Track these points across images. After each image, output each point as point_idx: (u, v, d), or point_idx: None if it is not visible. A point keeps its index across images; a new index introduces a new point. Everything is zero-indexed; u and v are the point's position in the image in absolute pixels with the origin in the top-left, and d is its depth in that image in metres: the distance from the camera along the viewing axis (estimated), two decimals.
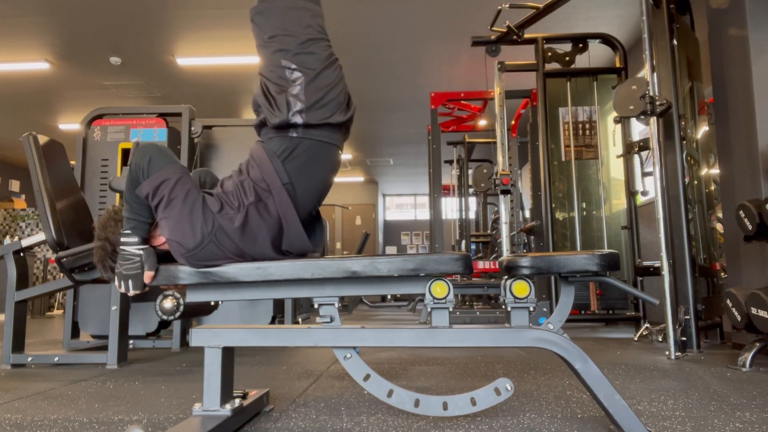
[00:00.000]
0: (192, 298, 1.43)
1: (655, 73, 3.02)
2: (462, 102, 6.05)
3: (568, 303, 1.36)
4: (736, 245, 3.04)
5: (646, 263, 3.80)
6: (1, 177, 10.43)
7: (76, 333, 3.29)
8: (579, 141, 4.25)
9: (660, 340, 3.41)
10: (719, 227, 3.63)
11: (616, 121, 3.95)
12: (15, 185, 10.69)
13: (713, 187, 3.64)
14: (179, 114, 3.45)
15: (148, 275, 1.36)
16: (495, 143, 4.34)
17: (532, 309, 1.33)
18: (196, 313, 1.66)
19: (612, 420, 1.27)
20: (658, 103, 2.87)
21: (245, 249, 1.36)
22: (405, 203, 14.88)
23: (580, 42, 4.24)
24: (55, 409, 1.69)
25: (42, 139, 2.55)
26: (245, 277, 1.36)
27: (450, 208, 9.86)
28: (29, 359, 2.61)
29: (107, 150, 3.40)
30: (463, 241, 7.29)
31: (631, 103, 2.91)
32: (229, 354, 1.44)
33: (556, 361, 2.55)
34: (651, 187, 3.38)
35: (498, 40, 4.12)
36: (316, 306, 1.39)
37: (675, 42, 3.19)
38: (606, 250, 1.69)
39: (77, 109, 7.60)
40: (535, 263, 1.32)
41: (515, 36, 4.05)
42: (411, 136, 9.03)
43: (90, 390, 2.01)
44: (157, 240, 1.42)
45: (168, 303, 1.46)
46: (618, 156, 4.12)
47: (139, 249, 1.36)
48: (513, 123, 6.53)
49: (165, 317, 1.46)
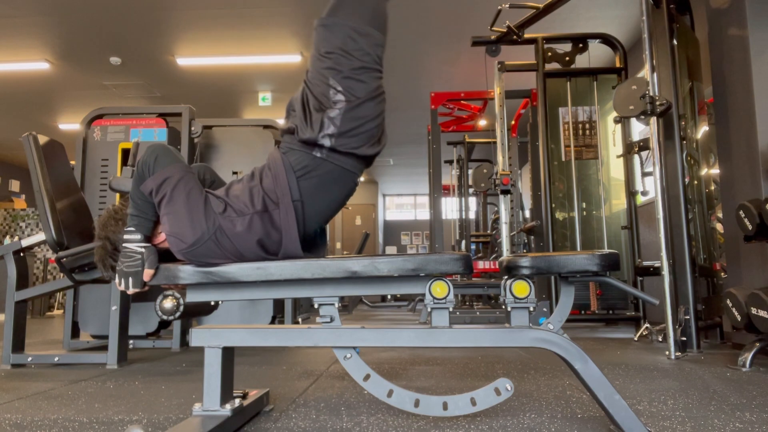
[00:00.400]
0: (192, 298, 1.43)
1: (655, 73, 3.02)
2: (462, 102, 6.05)
3: (568, 303, 1.36)
4: (736, 245, 3.04)
5: (646, 263, 3.80)
6: (1, 177, 10.43)
7: (76, 333, 3.29)
8: (579, 141, 4.25)
9: (660, 340, 3.41)
10: (719, 227, 3.63)
11: (616, 121, 3.95)
12: (15, 185, 10.69)
13: (713, 187, 3.64)
14: (179, 114, 3.45)
15: (147, 273, 1.36)
16: (495, 143, 4.34)
17: (532, 309, 1.33)
18: (196, 313, 1.66)
19: (612, 420, 1.27)
20: (658, 103, 2.87)
21: (244, 252, 1.37)
22: (405, 203, 14.88)
23: (580, 42, 4.24)
24: (55, 409, 1.69)
25: (42, 139, 2.56)
26: (245, 277, 1.36)
27: (450, 208, 9.86)
28: (29, 359, 2.61)
29: (107, 150, 3.40)
30: (463, 241, 7.29)
31: (631, 103, 2.91)
32: (229, 354, 1.44)
33: (556, 361, 2.55)
34: (651, 187, 3.38)
35: (498, 40, 4.11)
36: (316, 306, 1.39)
37: (675, 42, 3.19)
38: (606, 250, 1.69)
39: (77, 109, 7.60)
40: (535, 263, 1.32)
41: (515, 36, 4.05)
42: (411, 136, 9.03)
43: (90, 390, 2.01)
44: (159, 238, 1.43)
45: (168, 303, 1.46)
46: (618, 156, 4.12)
47: (141, 246, 1.37)
48: (513, 123, 6.54)
49: (165, 317, 1.46)
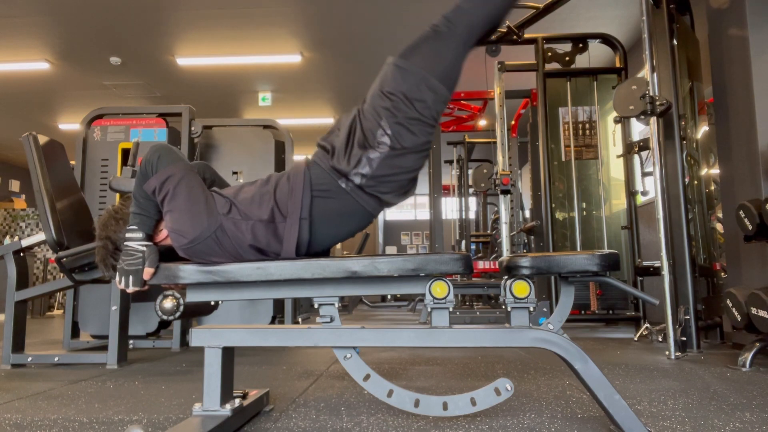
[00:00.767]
0: (192, 298, 1.43)
1: (655, 73, 3.02)
2: (462, 102, 6.05)
3: (568, 303, 1.36)
4: (736, 245, 3.04)
5: (646, 263, 3.80)
6: (1, 177, 10.43)
7: (76, 333, 3.29)
8: (579, 141, 4.25)
9: (660, 340, 3.41)
10: (719, 227, 3.63)
11: (616, 121, 3.95)
12: (15, 185, 10.69)
13: (713, 187, 3.64)
14: (179, 114, 3.45)
15: (147, 272, 1.37)
16: (495, 143, 4.34)
17: (532, 309, 1.33)
18: (196, 313, 1.66)
19: (612, 420, 1.27)
20: (658, 103, 2.87)
21: (243, 254, 1.37)
22: (405, 203, 14.87)
23: (580, 42, 4.24)
24: (55, 409, 1.69)
25: (42, 139, 2.56)
26: (245, 277, 1.35)
27: (450, 208, 9.86)
28: (29, 359, 2.61)
29: (107, 150, 3.40)
30: (463, 241, 7.29)
31: (631, 103, 2.91)
32: (229, 354, 1.44)
33: (556, 361, 2.55)
34: (651, 187, 3.38)
35: (498, 40, 4.11)
36: (316, 306, 1.39)
37: (675, 42, 3.19)
38: (606, 250, 1.69)
39: (77, 109, 7.60)
40: (535, 263, 1.32)
41: (515, 36, 4.05)
42: None
43: (90, 390, 2.01)
44: (160, 235, 1.44)
45: (168, 303, 1.46)
46: (618, 156, 4.12)
47: (143, 245, 1.37)
48: (513, 123, 6.54)
49: (165, 317, 1.46)
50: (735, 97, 3.06)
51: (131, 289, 1.37)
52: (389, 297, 8.68)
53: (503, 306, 1.36)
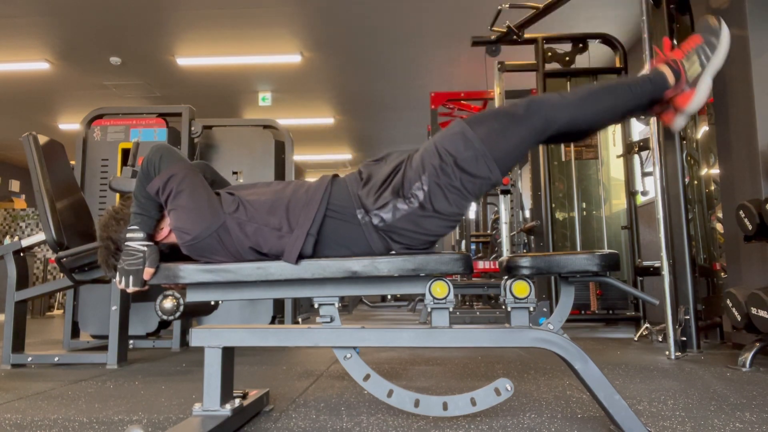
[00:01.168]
0: (192, 297, 1.43)
1: None
2: (462, 102, 6.05)
3: (568, 303, 1.36)
4: (736, 245, 3.04)
5: (646, 263, 3.80)
6: (1, 177, 10.43)
7: (76, 333, 3.29)
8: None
9: (660, 340, 3.41)
10: (719, 227, 3.63)
11: None
12: (15, 185, 10.69)
13: (713, 187, 3.64)
14: (179, 114, 3.45)
15: (148, 272, 1.37)
16: None
17: (532, 309, 1.33)
18: (196, 313, 1.66)
19: (612, 420, 1.27)
20: None
21: (243, 254, 1.37)
22: None
23: (580, 42, 4.24)
24: (55, 409, 1.69)
25: (42, 139, 2.56)
26: (245, 277, 1.36)
27: None
28: (29, 359, 2.61)
29: (107, 150, 3.40)
30: (463, 241, 7.29)
31: None
32: (229, 354, 1.44)
33: (556, 361, 2.55)
34: (651, 187, 3.38)
35: (498, 40, 4.11)
36: (316, 306, 1.39)
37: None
38: (606, 250, 1.69)
39: (77, 109, 7.60)
40: (535, 263, 1.32)
41: (515, 36, 4.05)
42: (411, 136, 9.02)
43: (90, 390, 2.01)
44: (162, 233, 1.44)
45: (168, 303, 1.46)
46: (618, 156, 4.12)
47: (144, 245, 1.37)
48: None
49: (165, 317, 1.46)
50: (735, 97, 3.06)
51: (131, 289, 1.37)
52: (389, 297, 8.68)
53: (503, 306, 1.36)
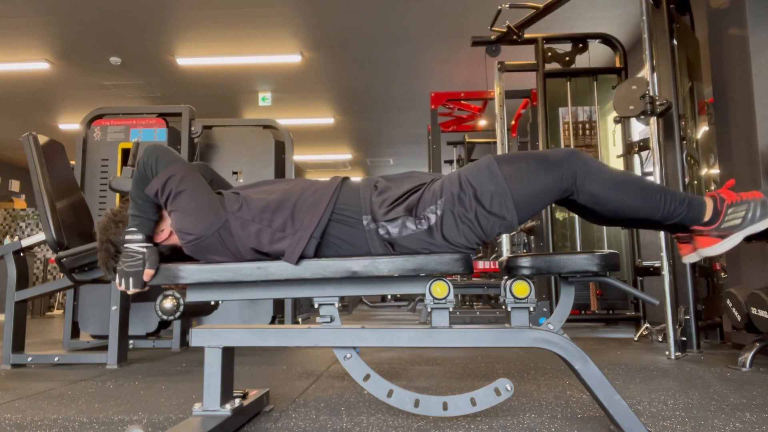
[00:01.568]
0: (192, 298, 1.43)
1: (655, 73, 3.02)
2: (462, 102, 6.05)
3: (568, 303, 1.36)
4: (736, 245, 3.04)
5: (646, 263, 3.80)
6: (1, 177, 10.43)
7: (76, 333, 3.29)
8: (579, 141, 4.25)
9: (660, 340, 3.41)
10: None
11: (616, 121, 3.95)
12: (15, 185, 10.69)
13: (713, 187, 3.64)
14: (179, 114, 3.45)
15: (148, 273, 1.37)
16: (495, 143, 4.34)
17: (532, 309, 1.33)
18: (196, 313, 1.66)
19: (612, 420, 1.27)
20: (658, 103, 2.87)
21: (244, 254, 1.37)
22: None
23: (580, 42, 4.23)
24: (55, 409, 1.69)
25: (42, 139, 2.56)
26: (245, 277, 1.36)
27: None
28: (29, 359, 2.61)
29: (107, 150, 3.40)
30: None
31: (631, 103, 2.91)
32: (229, 354, 1.44)
33: (556, 361, 2.55)
34: None
35: (498, 40, 4.11)
36: (316, 306, 1.39)
37: (675, 42, 3.19)
38: (606, 250, 1.69)
39: (77, 109, 7.60)
40: (535, 263, 1.32)
41: (515, 36, 4.05)
42: (411, 136, 9.02)
43: (90, 390, 2.01)
44: (160, 236, 1.44)
45: (168, 303, 1.46)
46: (618, 156, 4.12)
47: (143, 247, 1.37)
48: (513, 123, 6.53)
49: (165, 317, 1.46)
50: (735, 97, 3.06)
51: (132, 291, 1.37)
52: (389, 297, 8.68)
53: (503, 306, 1.36)
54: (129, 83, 6.71)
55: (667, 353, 2.67)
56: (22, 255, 2.69)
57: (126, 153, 3.37)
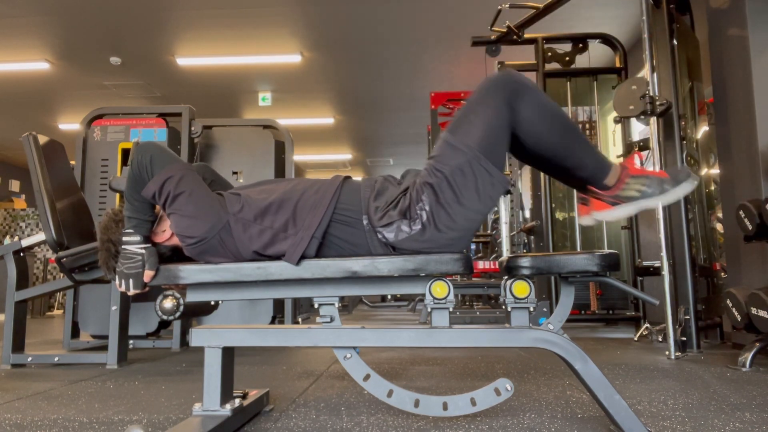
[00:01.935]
0: (192, 298, 1.43)
1: (655, 73, 3.02)
2: (462, 102, 6.05)
3: (568, 303, 1.36)
4: (736, 245, 3.04)
5: (646, 263, 3.80)
6: (1, 177, 10.43)
7: (76, 333, 3.29)
8: None
9: (660, 340, 3.41)
10: (719, 227, 3.63)
11: (616, 121, 3.95)
12: (15, 185, 10.69)
13: (713, 187, 3.64)
14: (179, 114, 3.45)
15: (148, 274, 1.36)
16: None
17: (532, 309, 1.33)
18: (196, 313, 1.66)
19: (612, 420, 1.27)
20: (658, 103, 2.87)
21: (244, 254, 1.37)
22: None
23: (580, 42, 4.24)
24: (55, 409, 1.69)
25: (42, 139, 2.55)
26: (245, 277, 1.35)
27: None
28: (29, 359, 2.61)
29: (107, 150, 3.40)
30: None
31: (631, 103, 2.91)
32: (229, 354, 1.44)
33: (556, 361, 2.55)
34: None
35: (498, 40, 4.11)
36: (316, 306, 1.39)
37: (675, 42, 3.19)
38: (606, 250, 1.69)
39: (77, 109, 7.60)
40: (535, 263, 1.32)
41: (515, 36, 4.05)
42: (411, 136, 9.02)
43: (90, 390, 2.01)
44: (161, 236, 1.43)
45: (168, 303, 1.46)
46: (618, 156, 4.12)
47: (141, 248, 1.36)
48: None
49: (165, 317, 1.46)
50: (735, 97, 3.06)
51: (132, 292, 1.37)
52: (389, 297, 8.68)
53: (503, 306, 1.36)
54: (129, 83, 6.71)
55: (667, 353, 2.67)
56: (22, 255, 2.69)
57: (126, 153, 3.37)
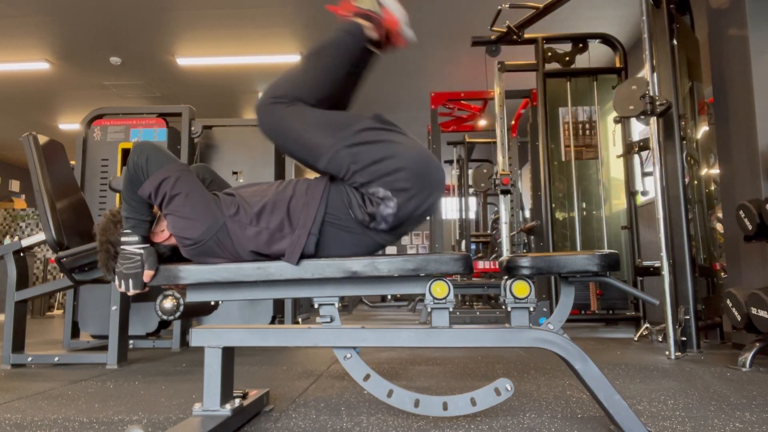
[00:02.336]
0: (192, 298, 1.43)
1: (655, 73, 3.02)
2: (462, 102, 6.05)
3: (568, 303, 1.36)
4: (736, 245, 3.04)
5: (646, 263, 3.80)
6: (1, 177, 10.43)
7: (76, 333, 3.29)
8: (579, 141, 4.25)
9: (660, 340, 3.41)
10: (719, 227, 3.63)
11: (616, 121, 3.95)
12: (15, 185, 10.69)
13: (713, 187, 3.64)
14: (179, 114, 3.45)
15: (147, 274, 1.36)
16: (495, 143, 4.34)
17: (532, 309, 1.33)
18: (196, 313, 1.66)
19: (612, 420, 1.27)
20: (658, 103, 2.87)
21: (242, 255, 1.37)
22: None
23: (580, 42, 4.24)
24: (55, 409, 1.69)
25: (42, 139, 2.55)
26: (245, 277, 1.35)
27: (450, 208, 9.86)
28: (29, 359, 2.61)
29: (107, 150, 3.40)
30: (463, 241, 7.29)
31: (631, 103, 2.91)
32: (229, 354, 1.44)
33: (556, 361, 2.55)
34: (651, 187, 3.38)
35: (498, 40, 4.11)
36: (316, 306, 1.39)
37: (675, 42, 3.19)
38: (606, 250, 1.69)
39: (77, 109, 7.60)
40: (535, 263, 1.32)
41: (515, 36, 4.05)
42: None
43: (90, 390, 2.01)
44: (160, 236, 1.43)
45: (168, 303, 1.46)
46: (618, 156, 4.12)
47: (140, 248, 1.36)
48: (513, 123, 6.53)
49: (165, 317, 1.46)
50: (735, 97, 3.06)
51: (132, 292, 1.36)
52: (389, 297, 8.69)
53: (503, 306, 1.36)
54: (129, 83, 6.71)
55: (667, 353, 2.67)
56: (22, 255, 2.69)
57: (126, 153, 3.37)
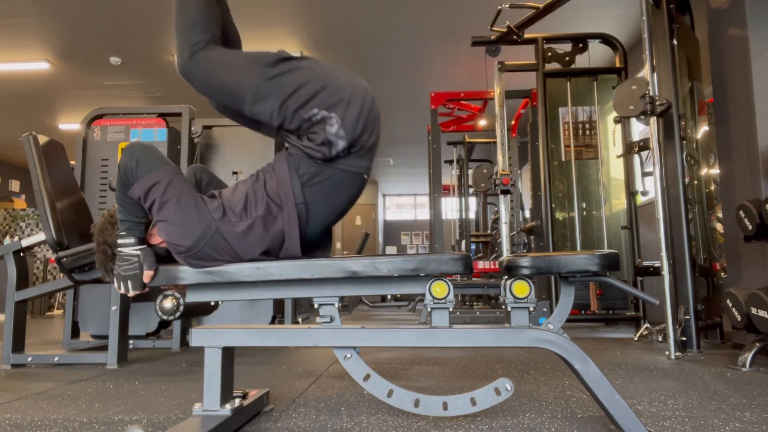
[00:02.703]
0: (192, 298, 1.43)
1: (655, 73, 3.02)
2: (462, 102, 6.05)
3: (568, 303, 1.36)
4: (736, 245, 3.04)
5: (646, 263, 3.80)
6: (1, 177, 10.43)
7: (76, 333, 3.29)
8: (579, 141, 4.25)
9: (660, 340, 3.41)
10: (719, 227, 3.63)
11: (616, 121, 3.95)
12: (15, 185, 10.69)
13: (713, 187, 3.64)
14: (179, 114, 3.45)
15: (147, 275, 1.36)
16: (495, 143, 4.34)
17: (532, 309, 1.33)
18: (196, 313, 1.66)
19: (612, 420, 1.27)
20: (658, 103, 2.87)
21: (242, 254, 1.36)
22: (405, 203, 14.88)
23: (580, 42, 4.24)
24: (55, 409, 1.69)
25: (42, 139, 2.55)
26: (245, 277, 1.35)
27: (450, 208, 9.87)
28: (29, 359, 2.61)
29: (107, 150, 3.40)
30: (463, 241, 7.29)
31: (631, 103, 2.91)
32: (229, 354, 1.44)
33: (556, 361, 2.55)
34: (651, 187, 3.38)
35: (498, 40, 4.11)
36: (316, 306, 1.39)
37: (675, 42, 3.19)
38: (606, 250, 1.69)
39: (77, 109, 7.60)
40: (535, 263, 1.32)
41: (515, 36, 4.05)
42: (411, 136, 9.03)
43: (90, 390, 2.01)
44: (156, 238, 1.42)
45: (168, 303, 1.46)
46: (618, 156, 4.12)
47: (137, 249, 1.36)
48: (513, 123, 6.53)
49: (165, 317, 1.46)
50: (735, 97, 3.06)
51: (131, 294, 1.36)
52: (389, 297, 8.69)
53: (503, 306, 1.36)
54: (129, 83, 6.71)
55: (667, 353, 2.67)
56: (22, 255, 2.69)
57: None
